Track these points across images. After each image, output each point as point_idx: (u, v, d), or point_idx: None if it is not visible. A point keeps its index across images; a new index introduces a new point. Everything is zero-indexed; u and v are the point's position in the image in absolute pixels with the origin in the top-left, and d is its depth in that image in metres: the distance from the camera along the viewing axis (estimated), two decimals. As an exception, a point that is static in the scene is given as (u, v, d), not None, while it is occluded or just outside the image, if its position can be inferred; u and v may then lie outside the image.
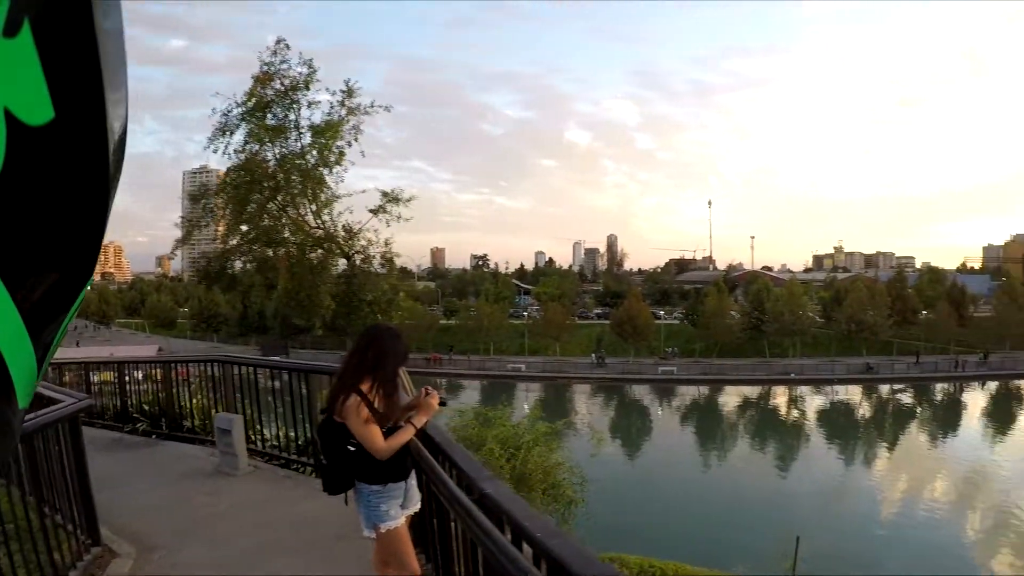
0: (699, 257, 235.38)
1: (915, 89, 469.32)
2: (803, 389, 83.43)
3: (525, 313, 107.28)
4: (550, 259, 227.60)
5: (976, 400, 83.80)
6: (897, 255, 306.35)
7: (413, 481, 5.47)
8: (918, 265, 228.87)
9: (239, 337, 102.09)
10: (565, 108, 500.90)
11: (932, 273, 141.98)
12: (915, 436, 67.40)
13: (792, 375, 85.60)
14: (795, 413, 75.27)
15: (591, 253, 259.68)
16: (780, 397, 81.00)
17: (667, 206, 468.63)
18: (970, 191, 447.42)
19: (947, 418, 75.17)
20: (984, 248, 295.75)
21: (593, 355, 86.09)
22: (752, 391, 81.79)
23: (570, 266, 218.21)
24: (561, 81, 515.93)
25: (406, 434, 5.21)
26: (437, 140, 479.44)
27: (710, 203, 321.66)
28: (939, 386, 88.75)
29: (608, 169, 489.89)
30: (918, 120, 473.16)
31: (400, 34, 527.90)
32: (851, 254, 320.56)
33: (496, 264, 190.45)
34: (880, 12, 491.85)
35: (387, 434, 5.11)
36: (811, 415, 73.67)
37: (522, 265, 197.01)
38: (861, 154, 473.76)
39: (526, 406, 62.52)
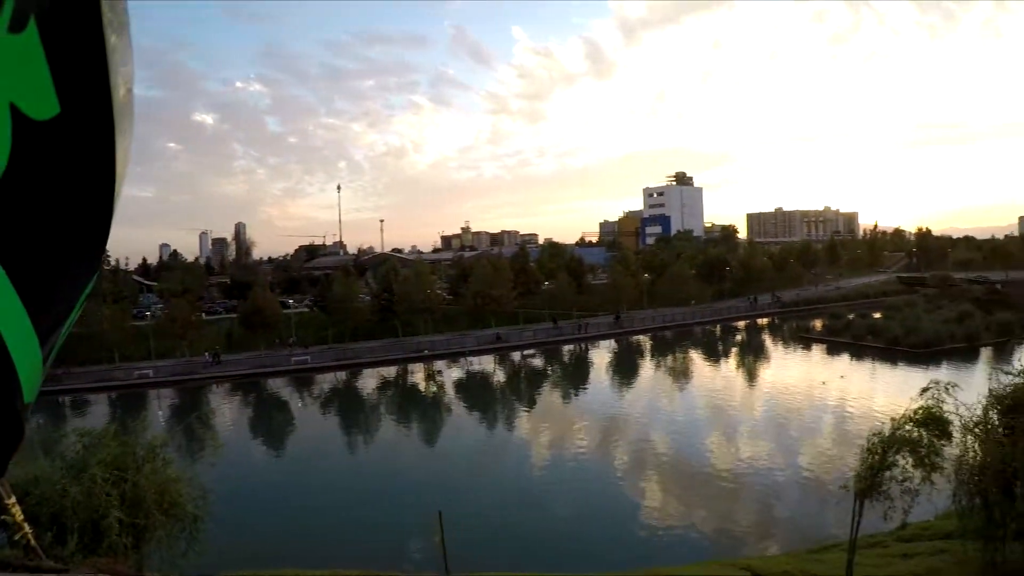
0: (329, 242, 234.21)
1: (537, 84, 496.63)
2: (439, 364, 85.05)
3: (149, 312, 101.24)
4: (175, 251, 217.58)
5: (603, 357, 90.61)
6: (521, 233, 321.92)
7: None
8: (541, 241, 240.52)
9: None
10: (194, 87, 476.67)
11: (552, 247, 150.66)
12: (552, 395, 71.29)
13: (426, 351, 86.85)
14: (434, 387, 76.51)
15: (219, 243, 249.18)
16: (418, 374, 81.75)
17: (296, 191, 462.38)
18: (587, 175, 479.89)
19: (579, 375, 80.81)
20: (601, 224, 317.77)
21: (206, 353, 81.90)
22: (390, 371, 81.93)
23: (196, 258, 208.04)
24: (189, 57, 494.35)
25: None
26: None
27: (339, 187, 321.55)
28: (567, 347, 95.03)
29: (237, 153, 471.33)
30: (540, 111, 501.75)
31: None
32: (478, 233, 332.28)
33: (117, 260, 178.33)
34: (519, 12, 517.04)
35: None
36: (450, 388, 75.19)
37: (145, 260, 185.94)
38: (484, 141, 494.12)
39: (160, 415, 59.16)
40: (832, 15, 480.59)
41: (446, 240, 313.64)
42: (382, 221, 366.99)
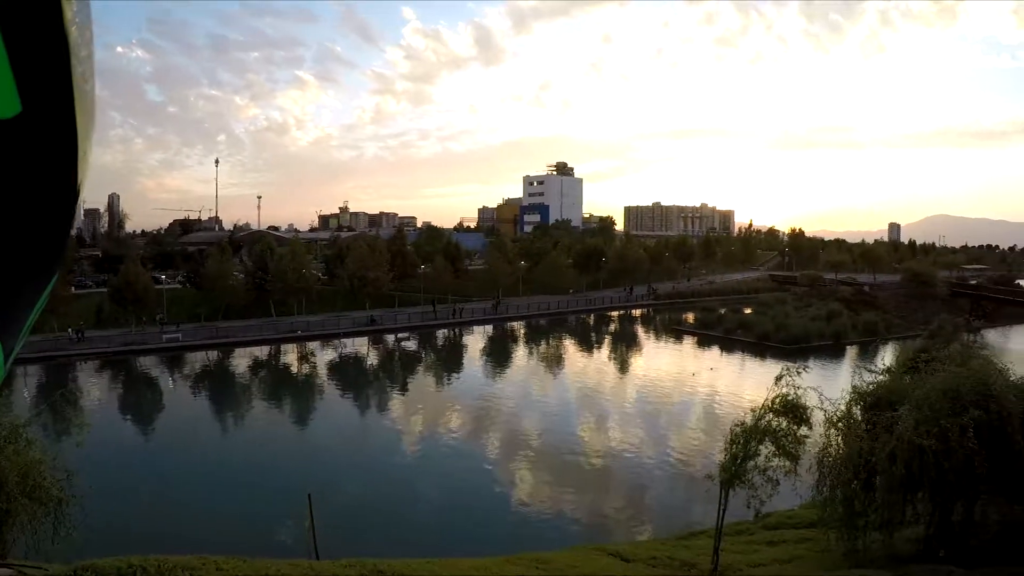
0: (205, 217, 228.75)
1: (425, 67, 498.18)
2: (313, 345, 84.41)
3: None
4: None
5: (478, 342, 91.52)
6: (401, 215, 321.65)
7: None
8: (420, 224, 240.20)
9: None
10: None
11: (431, 231, 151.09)
12: (425, 379, 71.70)
13: (299, 332, 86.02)
14: (307, 369, 75.92)
15: (91, 215, 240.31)
16: (291, 355, 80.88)
17: (174, 163, 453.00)
18: (469, 160, 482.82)
19: (453, 360, 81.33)
20: (480, 210, 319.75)
21: (70, 329, 78.09)
22: (262, 351, 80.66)
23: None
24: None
25: None
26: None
27: (217, 161, 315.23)
28: (442, 332, 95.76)
29: (114, 121, 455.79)
30: (425, 94, 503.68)
31: None
32: (356, 214, 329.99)
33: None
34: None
35: None
36: (323, 370, 74.70)
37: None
38: (368, 121, 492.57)
39: (25, 393, 56.84)
40: (721, 18, 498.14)
41: (324, 219, 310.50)
42: (259, 197, 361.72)
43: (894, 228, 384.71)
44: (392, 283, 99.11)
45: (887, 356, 52.78)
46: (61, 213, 1.33)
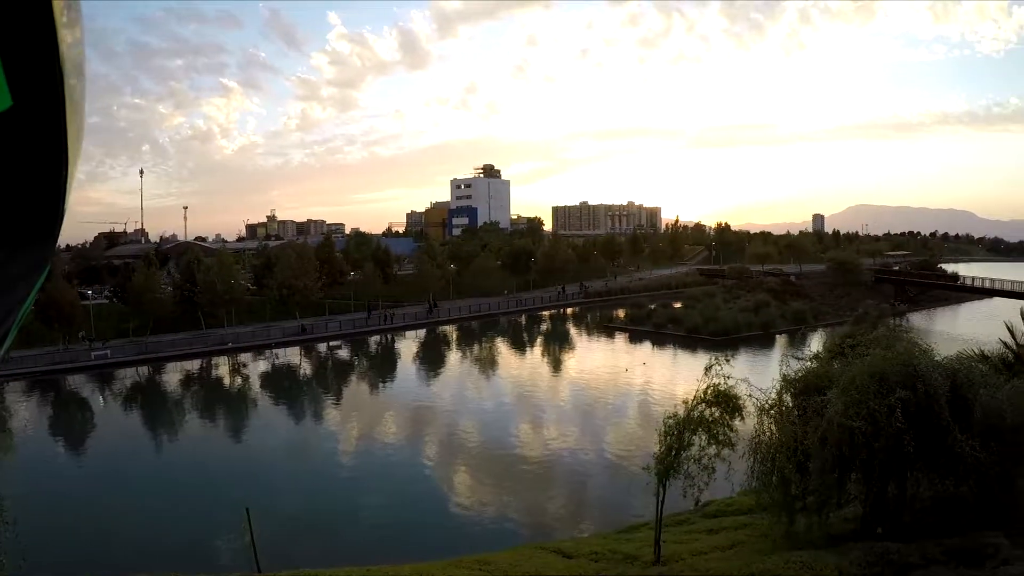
0: (131, 230, 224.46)
1: (350, 72, 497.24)
2: (244, 356, 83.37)
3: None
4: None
5: (411, 347, 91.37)
6: (329, 222, 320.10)
7: None
8: (348, 231, 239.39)
9: None
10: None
11: (359, 237, 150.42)
12: (360, 386, 71.58)
13: (230, 344, 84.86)
14: (240, 381, 75.12)
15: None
16: (223, 367, 79.76)
17: (98, 175, 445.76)
18: (396, 165, 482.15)
19: (387, 366, 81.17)
20: (408, 214, 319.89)
21: None
22: (193, 365, 79.24)
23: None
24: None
25: None
26: None
27: (142, 172, 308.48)
28: (374, 338, 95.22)
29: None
30: (351, 99, 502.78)
31: None
32: (284, 222, 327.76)
33: None
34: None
35: None
36: (256, 381, 73.90)
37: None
38: (294, 128, 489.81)
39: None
40: (644, 19, 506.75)
41: (251, 228, 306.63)
42: (186, 208, 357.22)
43: (818, 219, 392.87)
44: (322, 291, 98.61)
45: (815, 343, 53.96)
46: (50, 208, 1.33)
